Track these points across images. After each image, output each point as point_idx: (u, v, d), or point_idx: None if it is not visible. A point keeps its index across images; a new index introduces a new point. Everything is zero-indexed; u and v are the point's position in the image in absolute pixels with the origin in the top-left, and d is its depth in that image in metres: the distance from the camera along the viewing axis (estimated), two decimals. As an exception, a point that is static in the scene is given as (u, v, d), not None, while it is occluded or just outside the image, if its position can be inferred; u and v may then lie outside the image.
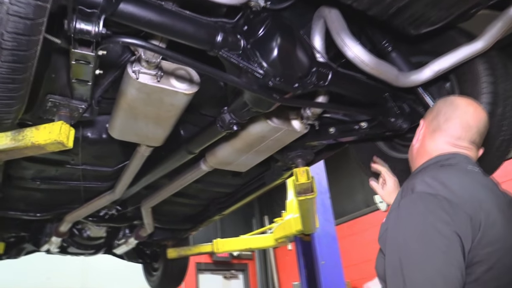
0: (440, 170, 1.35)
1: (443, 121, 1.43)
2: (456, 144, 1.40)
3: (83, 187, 2.74)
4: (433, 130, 1.45)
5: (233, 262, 9.60)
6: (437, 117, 1.46)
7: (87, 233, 3.69)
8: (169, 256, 4.13)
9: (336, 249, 3.86)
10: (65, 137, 1.62)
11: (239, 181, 3.01)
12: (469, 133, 1.40)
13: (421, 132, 1.51)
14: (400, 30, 1.67)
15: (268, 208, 10.17)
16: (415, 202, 1.23)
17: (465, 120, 1.40)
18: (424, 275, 1.11)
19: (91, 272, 7.54)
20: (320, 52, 1.61)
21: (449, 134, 1.41)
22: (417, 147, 1.50)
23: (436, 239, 1.14)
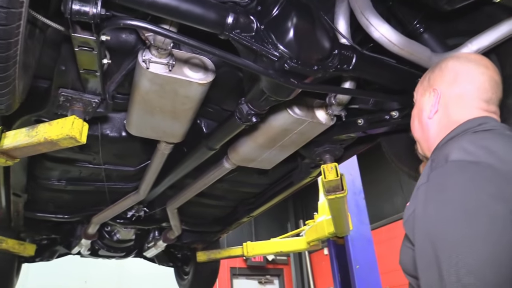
0: (477, 135, 1.08)
1: (468, 82, 1.19)
2: (486, 109, 1.16)
3: (108, 188, 2.72)
4: (457, 95, 1.19)
5: (268, 267, 9.46)
6: (457, 79, 1.20)
7: (117, 235, 3.68)
8: (199, 260, 4.06)
9: (372, 253, 3.65)
10: (78, 132, 1.57)
11: (266, 181, 2.89)
12: (497, 91, 1.20)
13: (438, 100, 1.22)
14: (432, 6, 1.51)
15: (303, 212, 9.99)
16: (451, 173, 0.98)
17: (491, 76, 1.18)
18: (468, 267, 0.85)
19: (126, 276, 7.63)
20: (341, 32, 1.47)
21: (478, 98, 1.17)
22: (439, 118, 1.22)
23: (482, 220, 0.89)
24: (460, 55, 1.29)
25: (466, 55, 1.27)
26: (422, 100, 1.30)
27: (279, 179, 2.87)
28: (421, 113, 1.28)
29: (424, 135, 1.27)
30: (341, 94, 1.75)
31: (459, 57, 1.26)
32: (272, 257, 9.22)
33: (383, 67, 1.63)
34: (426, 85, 1.30)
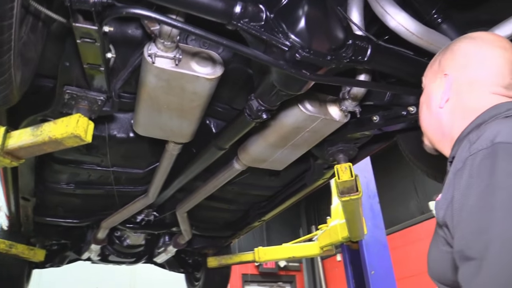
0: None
1: (483, 67, 1.06)
2: (506, 94, 1.04)
3: (117, 191, 2.67)
4: (471, 81, 1.07)
5: (280, 273, 9.34)
6: (471, 62, 1.08)
7: (127, 241, 3.63)
8: (209, 265, 3.99)
9: (388, 258, 3.54)
10: (83, 130, 1.52)
11: (278, 183, 2.81)
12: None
13: (450, 87, 1.09)
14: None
15: (315, 218, 9.86)
16: (501, 156, 0.83)
17: (509, 59, 1.05)
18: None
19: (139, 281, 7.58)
20: (353, 21, 1.40)
21: (495, 83, 1.04)
22: (451, 107, 1.09)
23: None
24: (474, 35, 1.14)
25: (481, 35, 1.13)
26: (432, 86, 1.17)
27: (291, 181, 2.80)
28: (430, 100, 1.16)
29: (434, 125, 1.14)
30: (356, 88, 1.67)
31: (473, 37, 1.13)
32: (284, 264, 9.10)
33: (400, 59, 1.55)
34: (436, 69, 1.17)
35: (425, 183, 7.08)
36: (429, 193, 6.86)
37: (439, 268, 0.99)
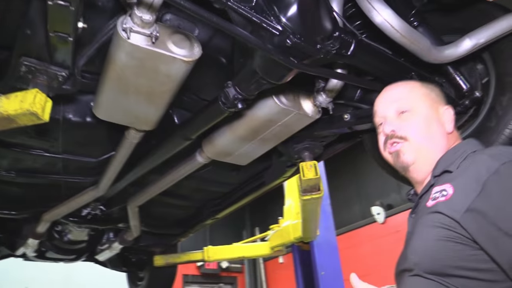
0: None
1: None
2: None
3: (64, 181, 2.47)
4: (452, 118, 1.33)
5: (221, 274, 9.24)
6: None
7: (68, 236, 3.37)
8: (156, 264, 3.83)
9: (337, 259, 3.59)
10: (40, 108, 1.37)
11: (236, 180, 2.75)
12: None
13: (453, 118, 1.32)
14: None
15: (260, 220, 9.88)
16: None
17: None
18: None
19: (74, 282, 7.13)
20: (339, 15, 1.38)
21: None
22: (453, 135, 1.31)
23: None
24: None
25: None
26: (430, 111, 1.29)
27: (250, 179, 2.74)
28: (435, 122, 1.28)
29: (434, 146, 1.25)
30: (331, 84, 1.65)
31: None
32: (227, 265, 9.02)
33: (379, 57, 1.56)
34: (435, 98, 1.33)
35: (368, 188, 7.35)
36: (371, 198, 7.12)
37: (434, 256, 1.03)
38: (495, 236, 0.95)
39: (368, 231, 6.91)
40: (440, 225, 1.03)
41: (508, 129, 1.48)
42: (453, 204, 1.04)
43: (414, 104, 1.30)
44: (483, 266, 0.97)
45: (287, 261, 8.44)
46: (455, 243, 1.00)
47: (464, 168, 1.11)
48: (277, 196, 6.02)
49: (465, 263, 0.99)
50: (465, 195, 1.02)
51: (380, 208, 6.75)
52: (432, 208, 1.09)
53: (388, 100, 1.36)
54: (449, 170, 1.15)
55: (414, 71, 1.65)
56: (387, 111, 1.34)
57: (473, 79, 1.66)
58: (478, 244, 0.98)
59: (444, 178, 1.15)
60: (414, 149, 1.26)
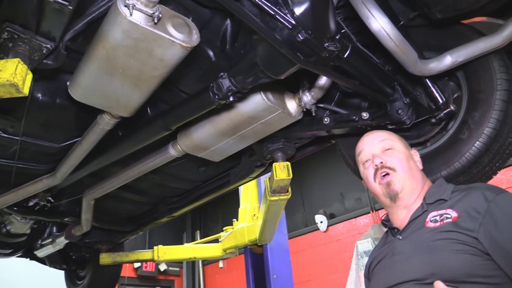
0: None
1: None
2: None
3: (16, 167, 2.27)
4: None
5: (159, 277, 8.98)
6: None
7: (7, 227, 3.11)
8: (102, 262, 3.63)
9: (289, 263, 3.64)
10: (21, 79, 1.26)
11: (201, 177, 2.70)
12: None
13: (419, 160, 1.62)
14: (425, 12, 1.55)
15: (200, 223, 9.76)
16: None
17: None
18: None
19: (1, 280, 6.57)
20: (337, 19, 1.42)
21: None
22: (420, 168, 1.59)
23: None
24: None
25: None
26: (406, 150, 1.59)
27: (215, 177, 2.71)
28: (410, 160, 1.56)
29: (415, 178, 1.51)
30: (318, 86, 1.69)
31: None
32: (165, 268, 8.79)
33: (368, 64, 1.61)
34: (405, 144, 1.63)
35: (312, 197, 7.54)
36: (315, 207, 7.31)
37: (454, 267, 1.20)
38: (501, 251, 1.17)
39: (310, 238, 7.08)
40: (456, 241, 1.22)
41: (479, 141, 1.60)
42: (464, 224, 1.25)
43: (394, 144, 1.58)
44: (493, 273, 1.17)
45: (228, 266, 8.41)
46: (471, 255, 1.19)
47: (459, 198, 1.34)
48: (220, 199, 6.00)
49: (478, 271, 1.18)
50: (471, 218, 1.24)
51: (323, 217, 6.95)
52: (441, 228, 1.29)
53: (374, 141, 1.62)
54: (444, 198, 1.38)
55: (396, 81, 1.73)
56: (374, 149, 1.59)
57: (446, 93, 1.77)
58: (490, 255, 1.18)
59: (441, 205, 1.37)
60: (401, 178, 1.50)
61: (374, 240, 5.55)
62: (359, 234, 6.30)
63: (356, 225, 6.67)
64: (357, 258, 5.60)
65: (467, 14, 1.68)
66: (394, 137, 1.62)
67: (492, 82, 1.62)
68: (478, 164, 1.61)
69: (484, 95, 1.62)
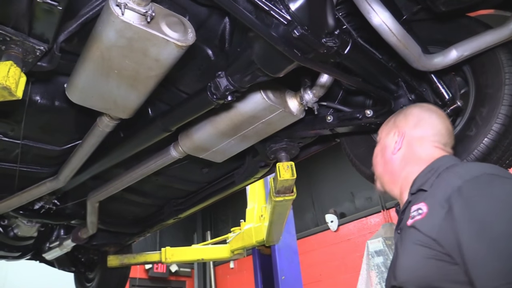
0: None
1: (429, 127, 1.38)
2: (444, 149, 1.35)
3: (19, 171, 2.27)
4: (420, 137, 1.38)
5: (170, 279, 9.00)
6: (420, 123, 1.40)
7: (15, 231, 3.12)
8: (110, 264, 3.63)
9: (297, 264, 3.59)
10: (14, 82, 1.25)
11: (206, 178, 2.67)
12: (451, 137, 1.40)
13: (402, 139, 1.41)
14: (428, 5, 1.50)
15: (211, 224, 9.76)
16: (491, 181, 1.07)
17: (447, 126, 1.40)
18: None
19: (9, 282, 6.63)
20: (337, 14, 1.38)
21: (437, 141, 1.36)
22: (402, 155, 1.40)
23: None
24: (423, 104, 1.50)
25: (428, 106, 1.47)
26: (387, 139, 1.46)
27: (220, 178, 2.68)
28: (384, 150, 1.45)
29: (387, 169, 1.43)
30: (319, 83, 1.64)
31: (422, 106, 1.47)
32: (176, 269, 8.80)
33: (371, 60, 1.57)
34: (391, 125, 1.48)
35: (322, 197, 7.47)
36: (325, 206, 7.24)
37: (423, 273, 1.09)
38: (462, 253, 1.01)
39: (320, 238, 7.01)
40: (420, 243, 1.10)
41: (487, 138, 1.54)
42: (428, 223, 1.11)
43: (380, 136, 1.53)
44: (462, 278, 1.02)
45: (239, 267, 8.39)
46: (437, 260, 1.06)
47: (436, 187, 1.19)
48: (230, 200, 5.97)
49: (447, 277, 1.05)
50: (437, 213, 1.10)
51: (334, 216, 6.88)
52: (411, 227, 1.17)
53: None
54: (423, 188, 1.24)
55: (400, 77, 1.68)
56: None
57: (452, 89, 1.71)
58: (453, 259, 1.03)
59: (420, 196, 1.24)
60: (378, 177, 1.49)
61: (385, 239, 5.48)
62: (370, 233, 6.23)
63: (366, 224, 6.60)
64: (367, 258, 5.52)
65: (472, 7, 1.62)
66: (385, 124, 1.54)
67: (500, 76, 1.56)
68: (487, 162, 1.56)
69: (492, 90, 1.56)
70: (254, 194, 3.82)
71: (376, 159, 1.50)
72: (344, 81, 1.55)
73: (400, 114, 1.48)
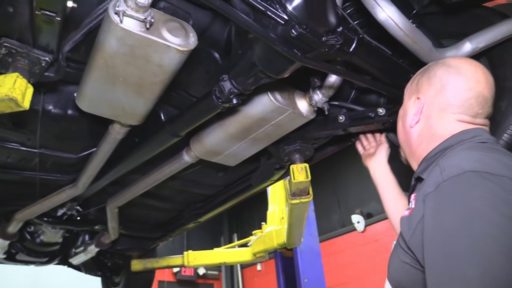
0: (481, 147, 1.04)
1: (453, 96, 1.15)
2: (471, 122, 1.14)
3: (40, 179, 2.33)
4: (440, 108, 1.17)
5: (198, 281, 9.08)
6: (443, 90, 1.17)
7: (41, 237, 3.21)
8: (133, 269, 3.68)
9: (320, 267, 3.54)
10: (20, 93, 1.27)
11: (222, 182, 2.66)
12: (485, 107, 1.15)
13: (422, 109, 1.21)
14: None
15: (237, 226, 9.78)
16: (471, 183, 0.90)
17: (479, 93, 1.14)
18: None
19: (42, 286, 6.85)
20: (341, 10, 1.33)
21: (463, 112, 1.14)
22: (420, 129, 1.21)
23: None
24: (454, 63, 1.21)
25: (458, 64, 1.19)
26: (408, 103, 1.29)
27: (236, 181, 2.67)
28: (405, 118, 1.28)
29: (407, 141, 1.27)
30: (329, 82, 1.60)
31: (450, 66, 1.20)
32: (204, 271, 8.87)
33: (379, 56, 1.51)
34: (414, 88, 1.29)
35: (348, 197, 7.36)
36: (351, 207, 7.12)
37: (398, 277, 1.05)
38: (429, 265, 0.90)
39: (347, 239, 6.90)
40: (400, 246, 1.03)
41: (507, 134, 1.46)
42: (408, 223, 1.01)
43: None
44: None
45: (266, 269, 8.37)
46: (410, 267, 0.99)
47: (428, 177, 1.05)
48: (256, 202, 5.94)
49: (419, 285, 0.97)
50: (416, 213, 0.99)
51: (360, 217, 6.76)
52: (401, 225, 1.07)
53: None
54: (421, 176, 1.12)
55: (412, 73, 1.62)
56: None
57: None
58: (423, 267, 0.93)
59: (418, 186, 1.14)
60: (402, 147, 1.33)
61: (413, 240, 5.32)
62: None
63: (394, 224, 6.43)
64: (396, 259, 5.38)
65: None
66: (410, 84, 1.34)
67: (521, 68, 1.48)
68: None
69: (511, 82, 1.48)
70: (275, 196, 3.80)
71: (398, 125, 1.33)
72: (351, 80, 1.50)
73: (426, 73, 1.26)
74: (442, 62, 1.24)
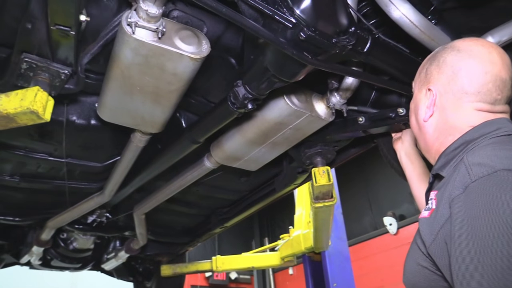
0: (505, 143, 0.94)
1: (468, 83, 1.04)
2: (491, 110, 1.03)
3: (69, 187, 2.41)
4: (455, 97, 1.06)
5: (230, 286, 9.11)
6: (456, 78, 1.06)
7: (73, 244, 3.31)
8: (163, 274, 3.74)
9: (350, 271, 3.48)
10: (41, 106, 1.31)
11: (246, 187, 2.67)
12: (504, 90, 1.03)
13: (435, 101, 1.10)
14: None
15: (268, 230, 9.76)
16: (505, 183, 0.82)
17: (496, 75, 1.02)
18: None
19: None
20: (355, 10, 1.31)
21: (481, 100, 1.03)
22: (435, 122, 1.11)
23: None
24: (462, 46, 1.09)
25: (469, 47, 1.08)
26: (419, 96, 1.18)
27: (260, 186, 2.66)
28: (417, 111, 1.18)
29: (421, 136, 1.17)
30: (346, 84, 1.57)
31: (459, 50, 1.09)
32: (236, 276, 8.89)
33: (396, 55, 1.47)
34: (423, 78, 1.18)
35: (380, 199, 7.20)
36: (383, 209, 6.97)
37: (415, 281, 0.99)
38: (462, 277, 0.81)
39: (380, 242, 6.75)
40: (418, 248, 0.97)
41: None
42: (430, 225, 0.93)
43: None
44: None
45: (297, 273, 8.30)
46: (430, 272, 0.93)
47: (452, 175, 0.96)
48: (286, 205, 5.90)
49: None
50: (440, 216, 0.91)
51: (393, 219, 6.60)
52: (419, 225, 0.99)
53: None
54: (441, 174, 1.03)
55: (433, 71, 1.57)
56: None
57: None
58: (445, 277, 0.87)
59: (436, 183, 1.06)
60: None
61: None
62: (433, 236, 5.89)
63: (429, 226, 6.24)
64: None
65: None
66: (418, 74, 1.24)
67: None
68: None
69: None
70: (301, 199, 3.77)
71: (411, 119, 1.23)
72: (364, 80, 1.47)
73: (434, 60, 1.15)
74: (450, 46, 1.13)
